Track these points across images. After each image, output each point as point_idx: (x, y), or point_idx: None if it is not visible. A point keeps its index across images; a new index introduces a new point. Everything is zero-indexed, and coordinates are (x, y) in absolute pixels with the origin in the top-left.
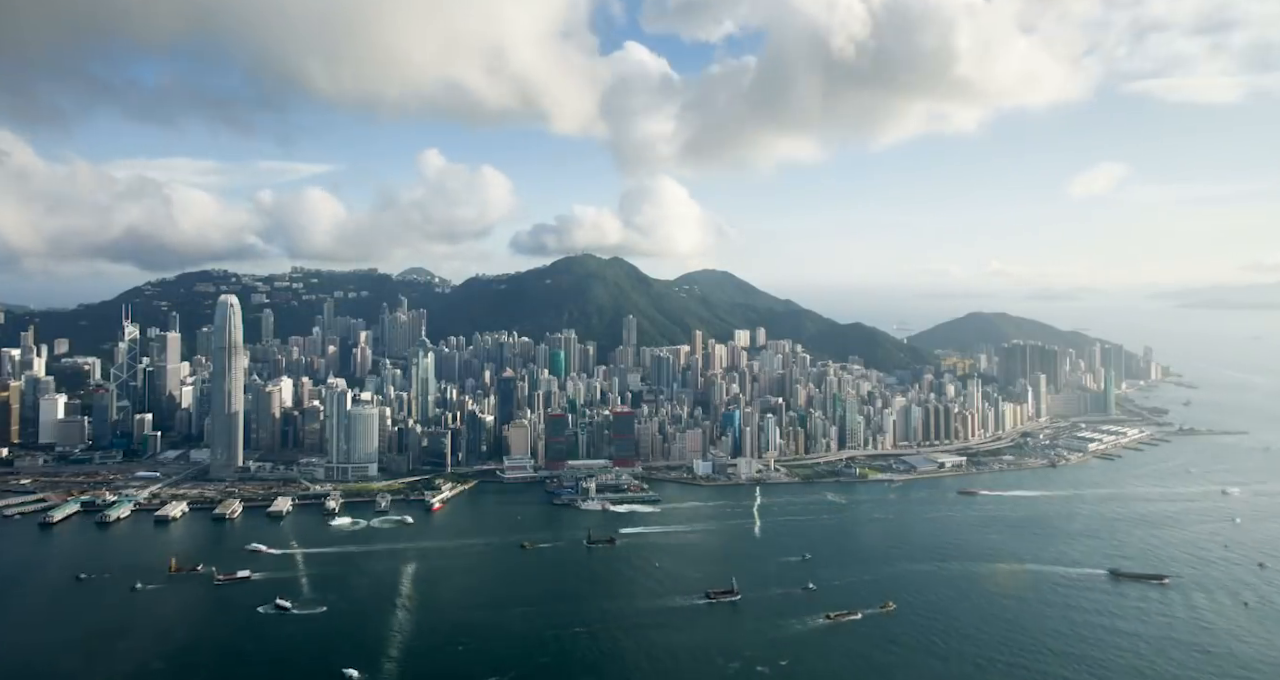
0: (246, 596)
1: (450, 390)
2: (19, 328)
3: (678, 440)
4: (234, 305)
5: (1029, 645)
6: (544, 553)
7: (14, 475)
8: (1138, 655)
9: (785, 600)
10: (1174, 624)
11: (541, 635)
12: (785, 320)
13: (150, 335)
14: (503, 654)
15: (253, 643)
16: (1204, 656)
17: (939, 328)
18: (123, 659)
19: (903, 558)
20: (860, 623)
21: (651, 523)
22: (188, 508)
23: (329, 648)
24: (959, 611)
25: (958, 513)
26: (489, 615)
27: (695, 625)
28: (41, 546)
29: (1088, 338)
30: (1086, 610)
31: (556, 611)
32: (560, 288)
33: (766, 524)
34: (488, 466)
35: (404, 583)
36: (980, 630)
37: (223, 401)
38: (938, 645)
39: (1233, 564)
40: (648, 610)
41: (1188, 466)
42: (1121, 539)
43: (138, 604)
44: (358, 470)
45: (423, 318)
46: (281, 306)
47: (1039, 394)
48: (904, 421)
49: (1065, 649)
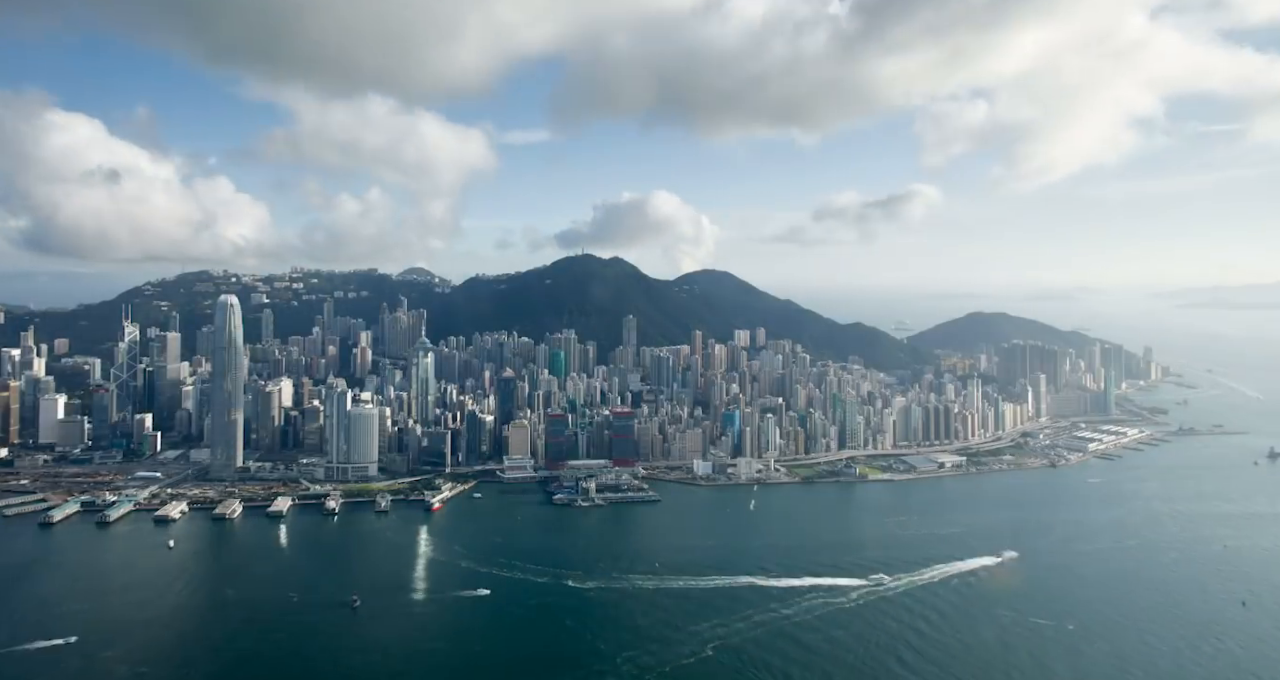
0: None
1: (450, 390)
2: (19, 328)
3: (678, 440)
4: (234, 305)
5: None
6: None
7: (14, 475)
8: None
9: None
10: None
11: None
12: (785, 320)
13: (150, 335)
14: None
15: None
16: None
17: (939, 328)
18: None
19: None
20: None
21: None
22: (188, 508)
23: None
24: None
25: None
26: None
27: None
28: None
29: (1088, 338)
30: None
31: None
32: (560, 288)
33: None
34: (488, 466)
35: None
36: None
37: (223, 401)
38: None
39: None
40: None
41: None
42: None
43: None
44: (358, 470)
45: (423, 318)
46: (281, 306)
47: (1039, 394)
48: (904, 421)
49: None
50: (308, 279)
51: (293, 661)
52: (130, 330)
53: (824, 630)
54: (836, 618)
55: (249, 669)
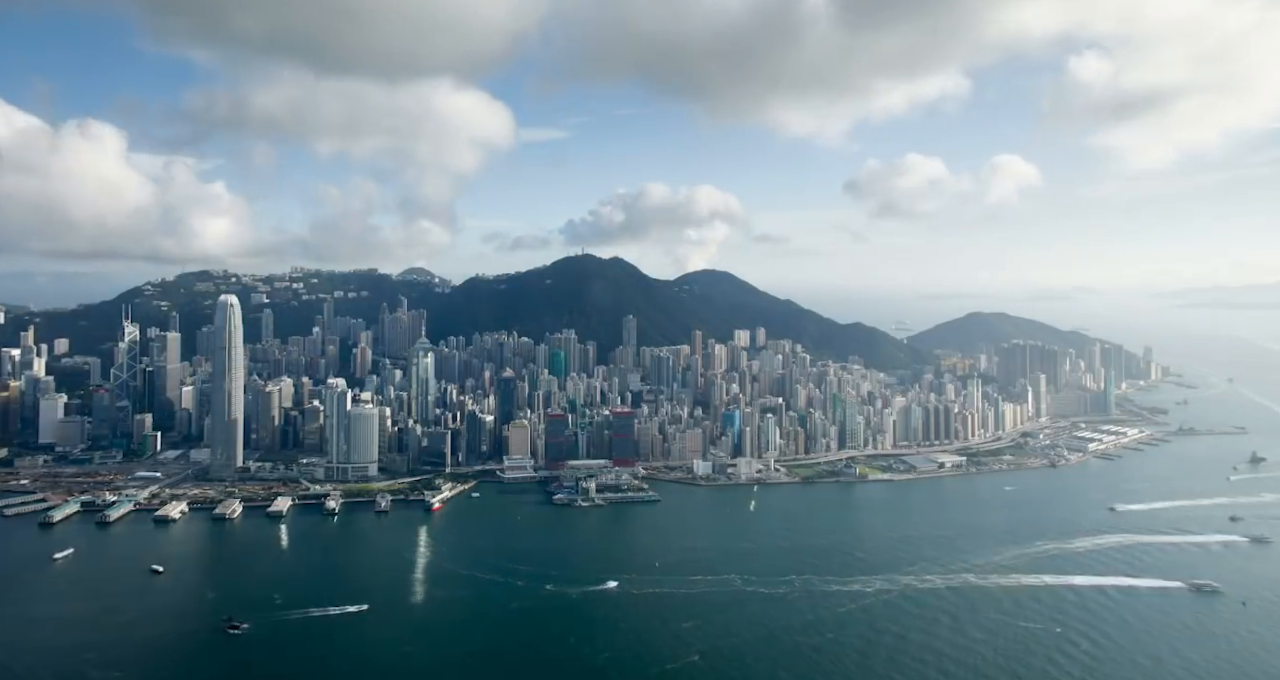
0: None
1: (450, 390)
2: (19, 328)
3: (678, 440)
4: (234, 305)
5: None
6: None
7: (14, 475)
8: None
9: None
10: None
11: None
12: (785, 320)
13: (150, 335)
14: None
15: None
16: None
17: (939, 328)
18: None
19: None
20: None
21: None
22: (188, 508)
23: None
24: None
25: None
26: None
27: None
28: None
29: (1088, 338)
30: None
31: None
32: (560, 288)
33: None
34: (488, 466)
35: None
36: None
37: (223, 401)
38: None
39: None
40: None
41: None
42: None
43: None
44: (358, 470)
45: (423, 318)
46: (281, 306)
47: (1039, 394)
48: (904, 421)
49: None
50: (308, 279)
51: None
52: (130, 330)
53: (818, 634)
54: (832, 621)
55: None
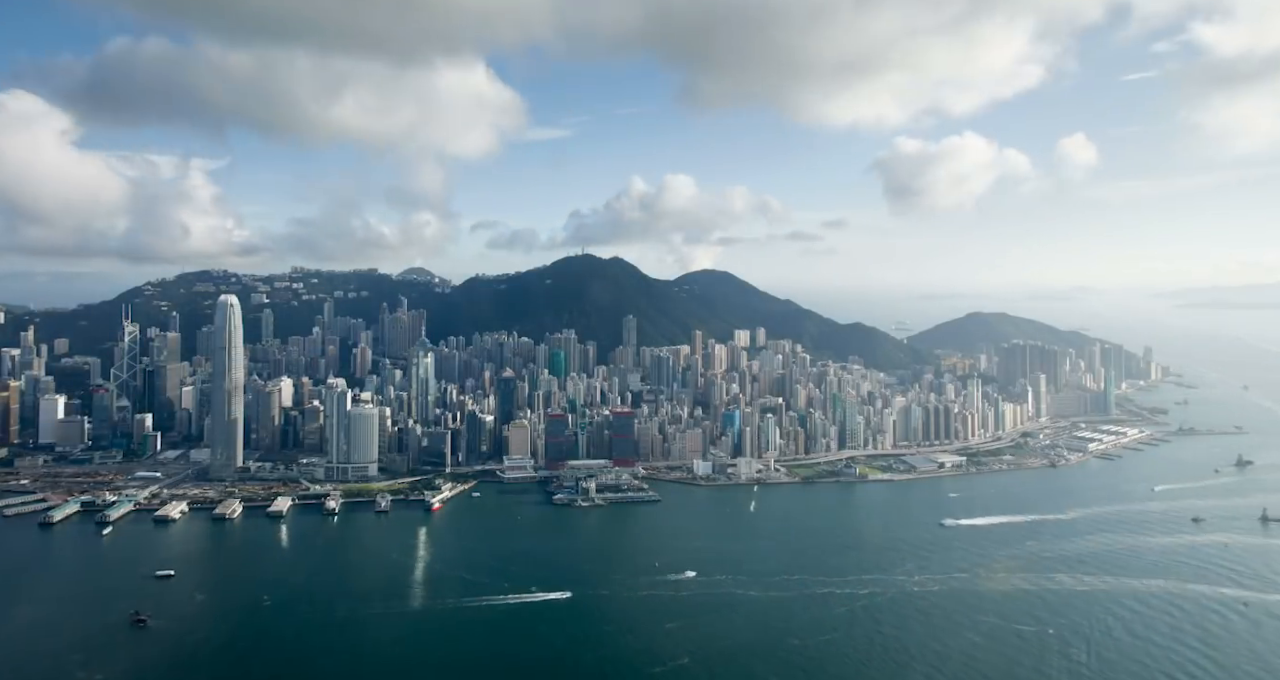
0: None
1: (450, 390)
2: (19, 328)
3: (678, 440)
4: (234, 305)
5: None
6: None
7: (14, 475)
8: None
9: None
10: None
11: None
12: (785, 320)
13: (150, 335)
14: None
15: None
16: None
17: (939, 328)
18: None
19: None
20: None
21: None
22: (188, 508)
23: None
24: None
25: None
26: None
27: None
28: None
29: (1088, 338)
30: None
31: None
32: (560, 288)
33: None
34: (488, 466)
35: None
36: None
37: (223, 401)
38: None
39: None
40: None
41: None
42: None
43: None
44: (358, 470)
45: (423, 318)
46: (281, 306)
47: (1039, 394)
48: (904, 422)
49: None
50: (307, 279)
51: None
52: (130, 330)
53: (813, 635)
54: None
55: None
